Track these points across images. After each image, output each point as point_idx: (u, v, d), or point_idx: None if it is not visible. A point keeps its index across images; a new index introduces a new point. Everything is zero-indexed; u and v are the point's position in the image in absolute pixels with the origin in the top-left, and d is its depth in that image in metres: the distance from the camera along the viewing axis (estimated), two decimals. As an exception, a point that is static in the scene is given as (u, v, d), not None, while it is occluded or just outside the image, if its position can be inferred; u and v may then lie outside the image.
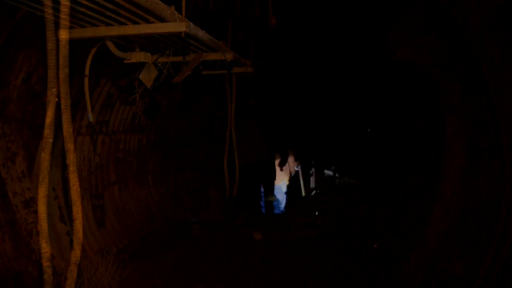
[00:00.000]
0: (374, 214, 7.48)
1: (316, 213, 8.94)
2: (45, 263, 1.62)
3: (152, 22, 2.87)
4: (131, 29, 2.92)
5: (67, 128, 1.57)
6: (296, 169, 11.79)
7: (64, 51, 1.71)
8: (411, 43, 4.54)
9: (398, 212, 6.28)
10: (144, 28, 2.90)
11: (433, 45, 4.34)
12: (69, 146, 1.54)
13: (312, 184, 12.62)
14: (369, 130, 11.40)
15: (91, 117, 3.83)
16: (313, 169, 12.68)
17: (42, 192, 1.63)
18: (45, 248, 1.68)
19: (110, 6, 2.56)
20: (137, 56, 3.72)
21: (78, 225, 1.61)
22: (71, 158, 1.58)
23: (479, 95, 3.85)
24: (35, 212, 3.78)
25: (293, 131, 11.63)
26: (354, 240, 6.54)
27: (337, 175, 12.46)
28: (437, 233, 4.37)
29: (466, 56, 3.83)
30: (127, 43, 3.65)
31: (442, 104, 4.46)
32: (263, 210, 10.43)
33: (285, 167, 11.12)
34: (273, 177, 10.56)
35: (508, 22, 3.29)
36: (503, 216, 3.45)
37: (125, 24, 2.90)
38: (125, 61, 3.72)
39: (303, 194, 12.04)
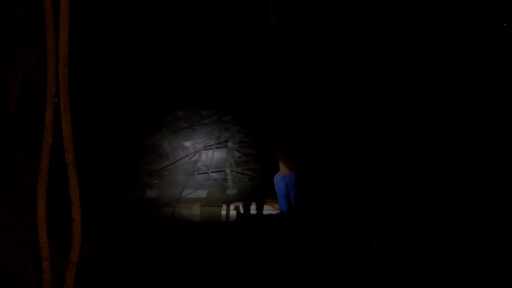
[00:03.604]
0: (374, 214, 7.46)
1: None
2: (45, 263, 1.61)
3: None
4: None
5: (66, 128, 1.56)
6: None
7: (63, 50, 1.71)
8: (411, 43, 4.54)
9: (398, 212, 6.27)
10: None
11: (433, 45, 4.34)
12: (68, 146, 1.53)
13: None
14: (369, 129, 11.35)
15: None
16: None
17: (42, 192, 1.63)
18: (45, 248, 1.68)
19: None
20: None
21: (77, 225, 1.60)
22: (71, 158, 1.57)
23: (479, 94, 3.85)
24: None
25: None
26: (353, 240, 6.52)
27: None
28: (437, 233, 4.37)
29: (465, 56, 3.83)
30: None
31: (441, 103, 4.46)
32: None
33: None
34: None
35: (507, 22, 3.29)
36: (503, 216, 3.45)
37: None
38: None
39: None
